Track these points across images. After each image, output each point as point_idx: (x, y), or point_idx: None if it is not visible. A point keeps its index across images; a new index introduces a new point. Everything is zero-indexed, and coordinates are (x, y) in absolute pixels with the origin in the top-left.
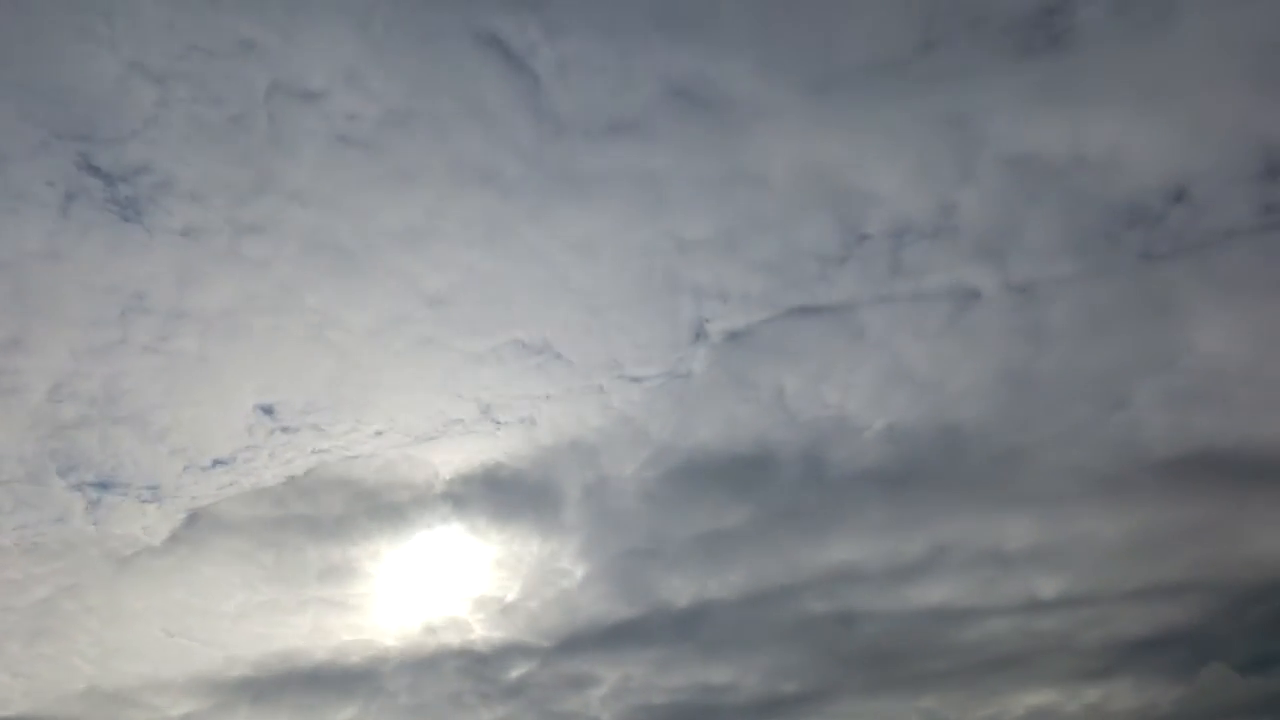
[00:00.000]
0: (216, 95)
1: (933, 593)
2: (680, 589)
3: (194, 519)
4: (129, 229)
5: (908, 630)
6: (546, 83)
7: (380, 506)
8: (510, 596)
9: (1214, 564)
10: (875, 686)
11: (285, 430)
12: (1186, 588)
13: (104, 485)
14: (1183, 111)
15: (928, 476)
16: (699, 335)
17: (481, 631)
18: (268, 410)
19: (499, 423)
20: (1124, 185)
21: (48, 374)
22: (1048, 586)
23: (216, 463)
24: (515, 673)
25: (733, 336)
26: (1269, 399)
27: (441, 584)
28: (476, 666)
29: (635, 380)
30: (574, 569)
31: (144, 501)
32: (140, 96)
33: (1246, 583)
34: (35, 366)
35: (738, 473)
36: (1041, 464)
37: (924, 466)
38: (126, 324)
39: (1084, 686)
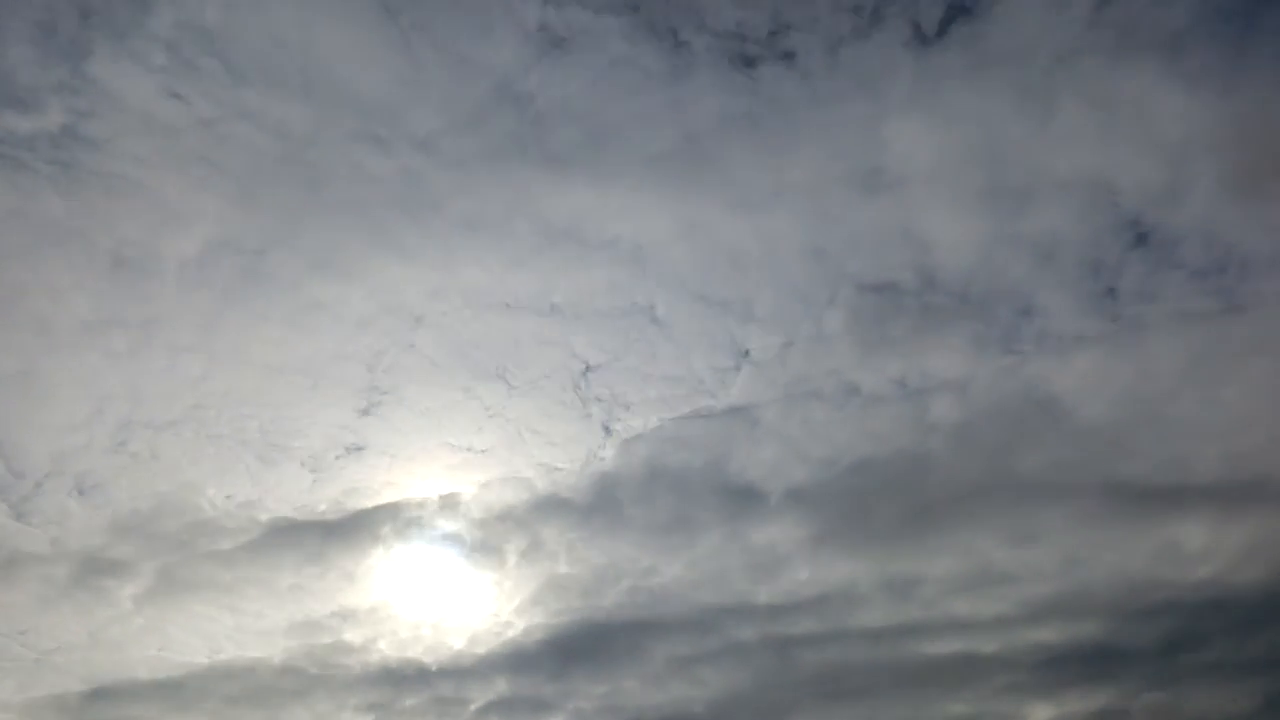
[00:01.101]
0: (159, 254)
1: (866, 620)
2: (621, 631)
3: (163, 577)
4: (86, 354)
5: (847, 653)
6: (446, 232)
7: (331, 570)
8: (459, 644)
9: (1115, 587)
10: (820, 703)
11: (243, 509)
12: (1098, 608)
13: (86, 559)
14: (1023, 244)
15: (838, 532)
16: (609, 433)
17: (436, 670)
18: (228, 498)
19: (435, 499)
20: (972, 309)
21: (30, 474)
22: (976, 610)
23: (183, 533)
24: (474, 705)
25: (638, 437)
26: (1151, 450)
27: (394, 633)
28: (435, 705)
29: (557, 469)
30: (517, 620)
31: (118, 568)
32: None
33: (1141, 602)
34: (16, 469)
35: (661, 535)
36: (944, 516)
37: (832, 524)
38: (91, 431)
39: (1019, 698)
